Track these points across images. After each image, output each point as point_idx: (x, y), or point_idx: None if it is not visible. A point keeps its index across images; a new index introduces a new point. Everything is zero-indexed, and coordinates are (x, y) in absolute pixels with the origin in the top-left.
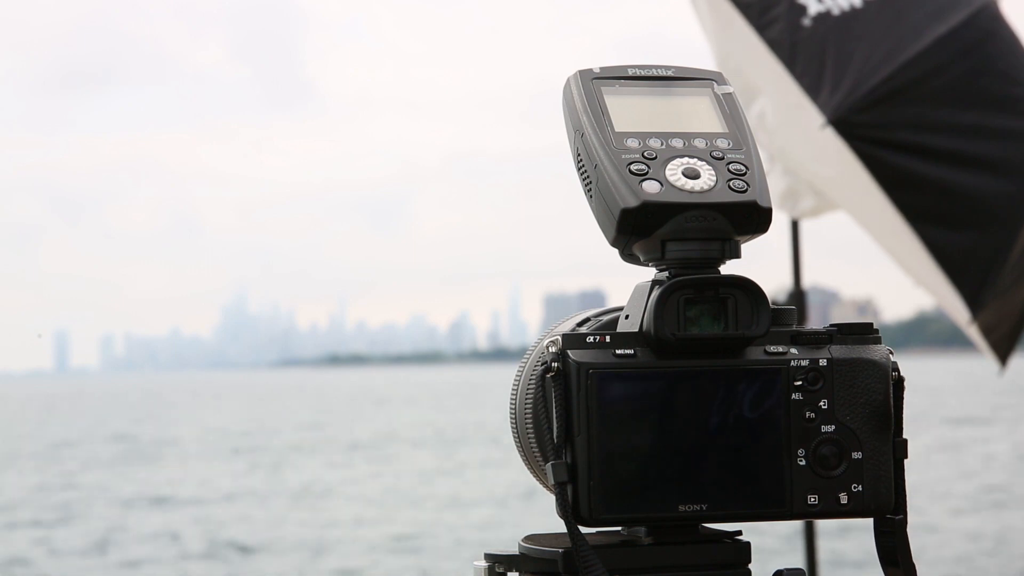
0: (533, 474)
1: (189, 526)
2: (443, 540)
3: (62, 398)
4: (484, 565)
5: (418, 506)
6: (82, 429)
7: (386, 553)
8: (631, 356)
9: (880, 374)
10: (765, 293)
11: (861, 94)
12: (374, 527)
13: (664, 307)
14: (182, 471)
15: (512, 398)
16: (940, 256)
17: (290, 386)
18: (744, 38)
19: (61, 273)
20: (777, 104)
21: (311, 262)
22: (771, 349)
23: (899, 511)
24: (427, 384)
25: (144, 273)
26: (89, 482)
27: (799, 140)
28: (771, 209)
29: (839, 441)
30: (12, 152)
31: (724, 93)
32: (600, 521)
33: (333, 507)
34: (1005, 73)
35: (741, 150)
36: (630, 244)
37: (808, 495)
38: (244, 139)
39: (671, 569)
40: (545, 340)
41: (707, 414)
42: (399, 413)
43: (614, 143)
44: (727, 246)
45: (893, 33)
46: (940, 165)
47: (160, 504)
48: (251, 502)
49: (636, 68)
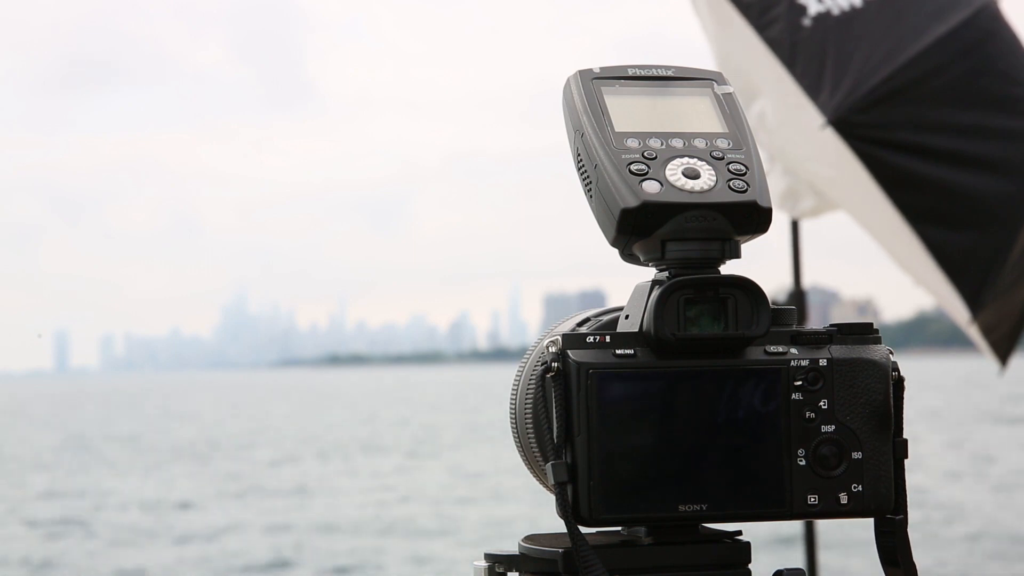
0: (533, 474)
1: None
2: (444, 540)
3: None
4: (484, 565)
5: (418, 506)
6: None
7: (386, 553)
8: (631, 356)
9: (880, 374)
10: (765, 293)
11: (861, 94)
12: (374, 527)
13: (664, 307)
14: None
15: (512, 398)
16: (940, 256)
17: (290, 386)
18: (744, 38)
19: (61, 273)
20: (777, 104)
21: (311, 262)
22: (771, 349)
23: (899, 511)
24: (427, 384)
25: (144, 273)
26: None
27: (799, 140)
28: (771, 209)
29: (839, 441)
30: (12, 152)
31: (724, 93)
32: (600, 521)
33: (333, 506)
34: (1005, 73)
35: (741, 150)
36: (630, 244)
37: (808, 495)
38: (244, 139)
39: (671, 569)
40: (545, 340)
41: (707, 414)
42: (399, 413)
43: (614, 143)
44: (727, 246)
45: (893, 33)
46: (940, 165)
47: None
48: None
49: (636, 68)
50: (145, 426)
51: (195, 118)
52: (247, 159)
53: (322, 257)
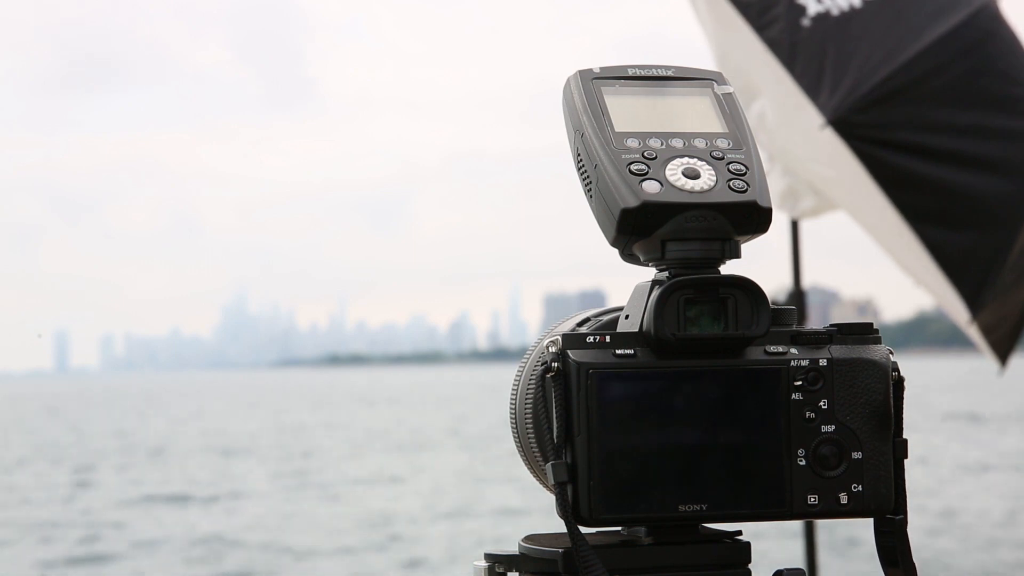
0: (533, 474)
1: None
2: (443, 539)
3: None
4: (484, 565)
5: (418, 505)
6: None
7: (387, 552)
8: (631, 356)
9: (880, 374)
10: (765, 293)
11: (861, 94)
12: (374, 525)
13: (664, 307)
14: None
15: (512, 398)
16: (940, 256)
17: (290, 386)
18: (744, 38)
19: (61, 273)
20: (777, 104)
21: (311, 262)
22: (771, 349)
23: (899, 511)
24: (427, 384)
25: (144, 273)
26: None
27: (799, 140)
28: (771, 209)
29: (839, 441)
30: (13, 152)
31: (724, 93)
32: (600, 521)
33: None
34: (1005, 73)
35: (741, 150)
36: (630, 244)
37: (808, 495)
38: (244, 139)
39: (671, 569)
40: (545, 340)
41: (707, 414)
42: (398, 412)
43: (614, 143)
44: (727, 246)
45: (893, 33)
46: (940, 165)
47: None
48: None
49: (636, 68)
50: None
51: (195, 118)
52: (247, 159)
53: (322, 257)
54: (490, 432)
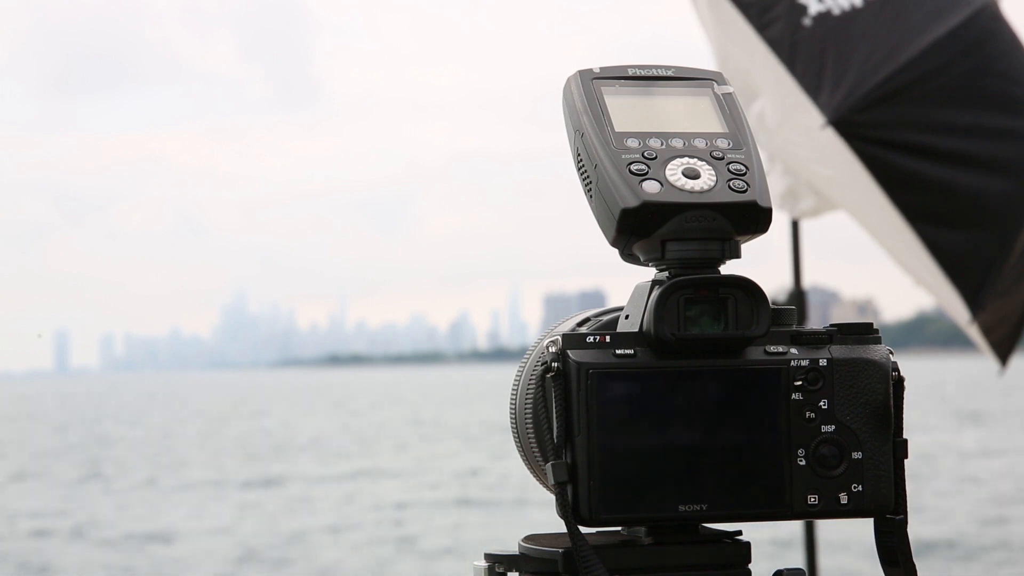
0: (533, 474)
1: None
2: (442, 539)
3: None
4: (484, 565)
5: (417, 506)
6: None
7: (386, 552)
8: (631, 356)
9: (880, 374)
10: (765, 293)
11: (861, 94)
12: (373, 527)
13: (664, 307)
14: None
15: (512, 398)
16: (940, 256)
17: (290, 386)
18: (744, 38)
19: (64, 273)
20: (777, 104)
21: (311, 262)
22: (771, 349)
23: (899, 511)
24: (427, 384)
25: (145, 273)
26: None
27: (799, 140)
28: (771, 209)
29: (839, 441)
30: (19, 152)
31: (724, 93)
32: (600, 521)
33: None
34: (1005, 73)
35: (741, 150)
36: (630, 244)
37: (808, 495)
38: (250, 139)
39: (671, 569)
40: (545, 340)
41: (707, 414)
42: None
43: (614, 143)
44: (727, 246)
45: (893, 33)
46: (940, 165)
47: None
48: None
49: (636, 68)
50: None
51: (202, 119)
52: (252, 159)
53: (323, 257)
54: (491, 431)
